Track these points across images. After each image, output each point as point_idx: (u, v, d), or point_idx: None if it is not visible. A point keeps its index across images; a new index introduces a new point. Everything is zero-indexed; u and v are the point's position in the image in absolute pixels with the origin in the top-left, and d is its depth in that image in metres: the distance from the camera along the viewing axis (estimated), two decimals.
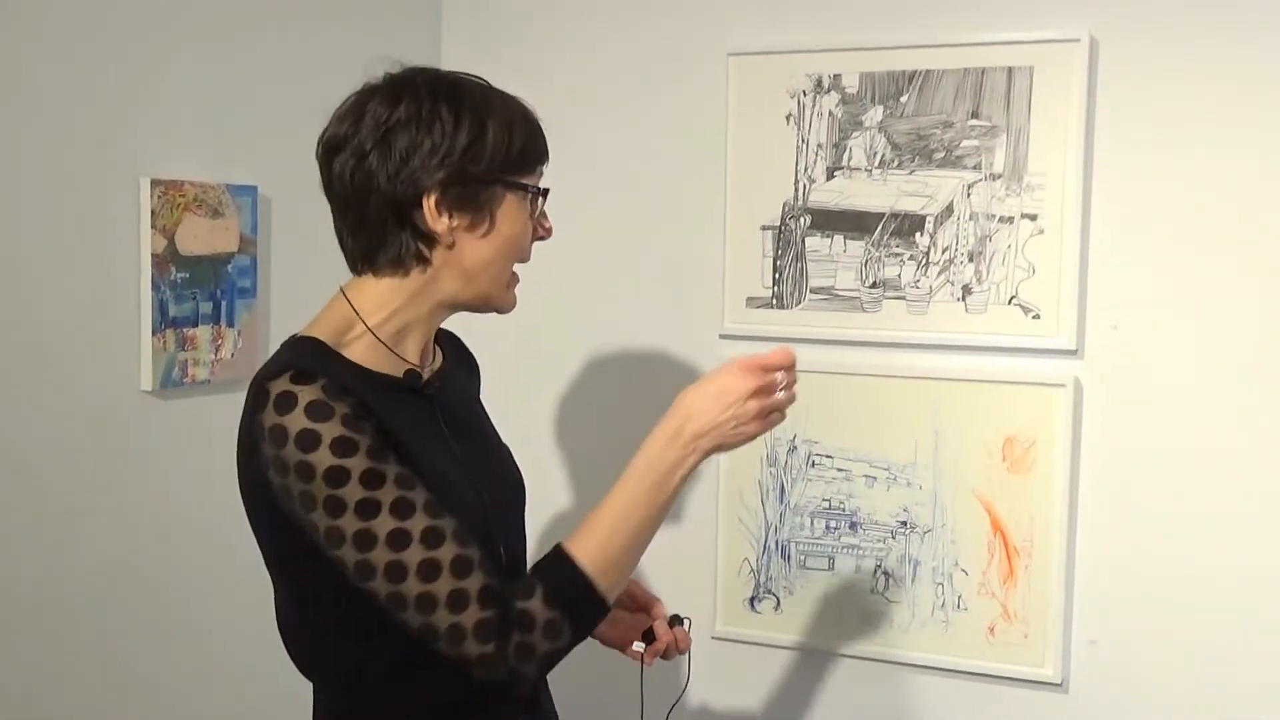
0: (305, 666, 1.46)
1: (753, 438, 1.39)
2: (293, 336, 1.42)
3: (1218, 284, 2.02)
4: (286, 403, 1.27)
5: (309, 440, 1.26)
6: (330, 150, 1.38)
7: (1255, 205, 1.99)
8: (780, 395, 1.40)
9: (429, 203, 1.36)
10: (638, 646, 1.65)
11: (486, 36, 2.50)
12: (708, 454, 1.38)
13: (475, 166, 1.36)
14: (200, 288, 1.98)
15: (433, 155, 1.34)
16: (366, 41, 2.35)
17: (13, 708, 1.76)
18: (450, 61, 2.49)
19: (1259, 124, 1.98)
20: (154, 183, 1.89)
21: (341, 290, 1.44)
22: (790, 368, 1.42)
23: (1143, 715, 2.11)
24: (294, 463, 1.27)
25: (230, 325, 2.05)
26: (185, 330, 1.96)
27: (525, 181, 1.41)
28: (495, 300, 1.45)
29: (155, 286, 1.90)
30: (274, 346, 2.10)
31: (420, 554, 1.27)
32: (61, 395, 1.81)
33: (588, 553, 1.32)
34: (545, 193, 1.44)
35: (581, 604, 1.32)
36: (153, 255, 1.90)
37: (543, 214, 1.46)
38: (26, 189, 1.75)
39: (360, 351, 1.39)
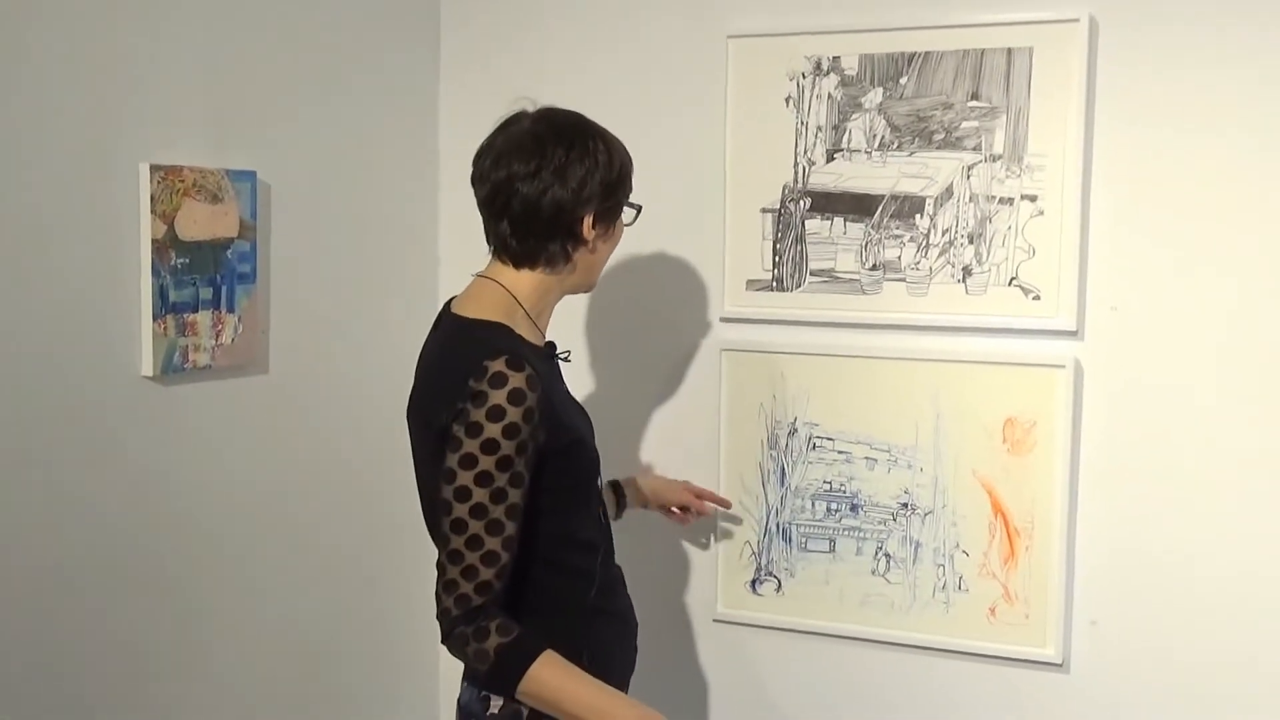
0: None
1: None
2: (475, 320, 1.75)
3: (1217, 265, 2.02)
4: (499, 381, 1.63)
5: (496, 414, 1.63)
6: (516, 180, 1.74)
7: (1255, 186, 1.99)
8: None
9: (588, 219, 1.77)
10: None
11: (486, 18, 2.49)
12: None
13: (621, 192, 1.82)
14: (200, 273, 1.98)
15: (601, 185, 1.77)
16: (364, 27, 2.34)
17: (15, 694, 1.77)
18: (449, 44, 2.50)
19: (1258, 104, 1.97)
20: (153, 168, 1.89)
21: (490, 279, 1.79)
22: None
23: (1143, 695, 2.12)
24: (472, 419, 1.63)
25: (230, 311, 2.05)
26: (185, 316, 1.96)
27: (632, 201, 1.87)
28: (594, 286, 1.90)
29: (155, 272, 1.90)
30: (275, 331, 2.15)
31: (478, 529, 1.64)
32: (62, 381, 1.81)
33: (542, 672, 1.65)
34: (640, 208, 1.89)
35: (499, 674, 1.66)
36: (153, 241, 1.90)
37: None
38: (26, 175, 1.74)
39: (523, 329, 1.77)
